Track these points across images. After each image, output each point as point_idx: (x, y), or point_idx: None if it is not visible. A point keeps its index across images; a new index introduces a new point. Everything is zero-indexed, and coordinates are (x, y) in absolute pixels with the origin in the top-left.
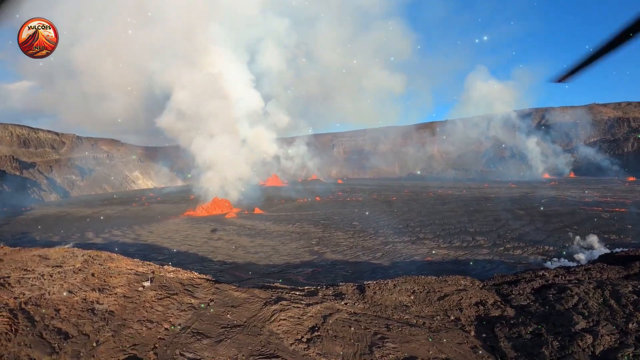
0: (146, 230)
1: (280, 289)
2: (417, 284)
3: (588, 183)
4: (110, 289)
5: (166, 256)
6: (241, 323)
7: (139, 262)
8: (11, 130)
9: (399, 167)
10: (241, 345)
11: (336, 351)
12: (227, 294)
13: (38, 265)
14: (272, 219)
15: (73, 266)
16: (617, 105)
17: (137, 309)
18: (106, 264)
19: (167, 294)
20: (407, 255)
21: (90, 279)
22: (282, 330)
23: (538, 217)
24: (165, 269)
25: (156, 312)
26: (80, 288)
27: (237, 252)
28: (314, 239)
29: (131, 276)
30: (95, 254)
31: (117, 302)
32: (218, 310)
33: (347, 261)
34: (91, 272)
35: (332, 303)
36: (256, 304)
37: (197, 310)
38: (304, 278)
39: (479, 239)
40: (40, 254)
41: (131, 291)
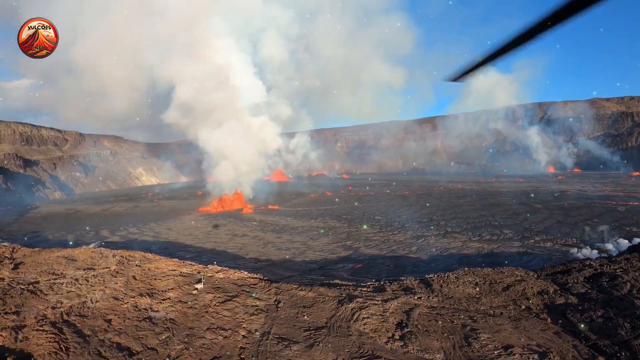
0: (164, 228)
1: (346, 286)
2: (477, 276)
3: (594, 177)
4: (160, 293)
5: (194, 254)
6: (322, 324)
7: (179, 262)
8: (14, 128)
9: (402, 162)
10: (336, 348)
11: (434, 346)
12: (291, 294)
13: (66, 268)
14: (290, 214)
15: (107, 268)
16: (620, 99)
17: (199, 315)
18: (144, 265)
19: (226, 297)
20: (442, 248)
21: (132, 282)
22: (370, 329)
23: (556, 210)
24: (211, 269)
25: (224, 318)
26: (125, 294)
27: (268, 248)
28: (342, 233)
29: (178, 278)
30: (128, 254)
31: (174, 309)
32: (290, 312)
33: (385, 256)
34: (131, 275)
35: (406, 298)
36: (329, 302)
37: (268, 313)
38: (347, 274)
39: (506, 232)
40: (64, 255)
41: (185, 295)
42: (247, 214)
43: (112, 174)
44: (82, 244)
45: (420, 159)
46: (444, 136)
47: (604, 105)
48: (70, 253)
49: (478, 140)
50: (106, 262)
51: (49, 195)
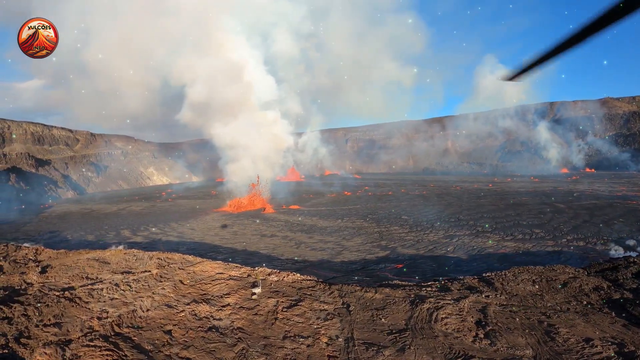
0: (186, 227)
1: (409, 287)
2: (532, 274)
3: (608, 177)
4: (217, 299)
5: (225, 255)
6: (403, 327)
7: (225, 265)
8: (25, 127)
9: (412, 162)
10: (429, 350)
11: (521, 342)
12: (357, 296)
13: (100, 271)
14: (315, 214)
15: (148, 272)
16: (631, 99)
17: (269, 322)
18: (187, 268)
19: (291, 301)
20: (479, 248)
21: (182, 287)
22: (452, 329)
23: (580, 210)
24: (261, 271)
25: (298, 325)
26: (177, 300)
27: (302, 249)
28: (373, 233)
29: (230, 282)
30: (165, 256)
31: (239, 316)
32: (364, 315)
33: (424, 255)
34: (178, 279)
35: (475, 297)
36: (400, 304)
37: (342, 317)
38: (391, 274)
39: (536, 231)
40: (95, 257)
41: (244, 300)
42: (269, 213)
43: (124, 173)
44: (104, 244)
45: (430, 159)
46: (454, 136)
47: (615, 105)
48: (100, 255)
49: (489, 140)
50: (143, 264)
51: (61, 195)
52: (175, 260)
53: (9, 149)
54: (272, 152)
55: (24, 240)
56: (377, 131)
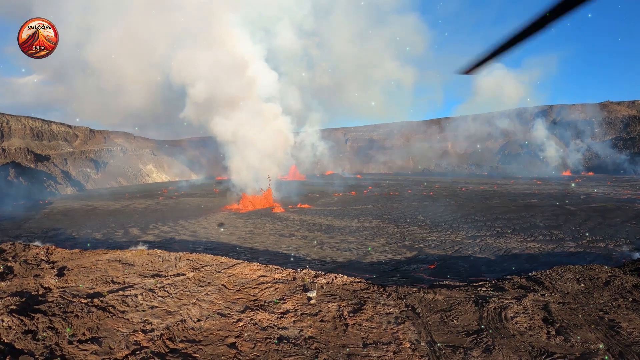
0: (198, 226)
1: (464, 287)
2: (574, 272)
3: (610, 181)
4: (272, 305)
5: (247, 256)
6: (477, 327)
7: (264, 267)
8: (24, 122)
9: (412, 162)
10: (513, 349)
11: (591, 337)
12: (418, 297)
13: (126, 274)
14: (327, 213)
15: (183, 275)
16: (631, 103)
17: (339, 329)
18: (226, 270)
19: (353, 306)
20: (504, 249)
21: (228, 293)
22: (524, 327)
23: (591, 213)
24: (307, 274)
25: (372, 330)
26: (228, 307)
27: (326, 249)
28: (394, 234)
29: (278, 286)
30: (195, 257)
31: (305, 324)
32: (434, 317)
33: (452, 256)
34: (220, 284)
35: (532, 295)
36: (465, 304)
37: (412, 320)
38: (426, 274)
39: (555, 232)
40: (115, 258)
41: (302, 306)
42: (279, 212)
43: (123, 170)
44: (114, 243)
45: (430, 160)
46: (453, 138)
47: (615, 109)
48: (121, 256)
49: (488, 142)
50: (172, 267)
51: (60, 191)
52: (207, 262)
53: (8, 143)
54: (276, 150)
55: (27, 237)
56: (376, 131)
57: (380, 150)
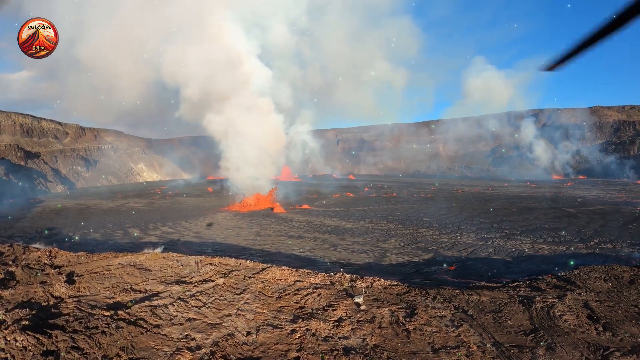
0: (201, 227)
1: (497, 288)
2: (599, 272)
3: (602, 184)
4: (321, 313)
5: (261, 258)
6: (531, 327)
7: (294, 271)
8: (14, 118)
9: (404, 164)
10: (573, 345)
11: (634, 331)
12: (463, 299)
13: (145, 281)
14: (331, 214)
15: (211, 282)
16: (621, 108)
17: (401, 335)
18: (256, 275)
19: (405, 310)
20: (518, 250)
21: (269, 301)
22: (573, 324)
23: (592, 215)
24: (344, 277)
25: (435, 335)
26: (276, 317)
27: (340, 252)
28: (405, 235)
29: (321, 291)
30: (218, 261)
31: (365, 332)
32: (487, 319)
33: (469, 257)
34: (256, 290)
35: (570, 294)
36: (512, 305)
37: (468, 322)
38: (449, 276)
39: (562, 234)
40: (128, 262)
41: (354, 312)
42: (281, 213)
43: (114, 168)
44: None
45: (421, 161)
46: (444, 140)
47: (605, 113)
48: (134, 260)
49: (480, 145)
50: (195, 272)
51: (50, 189)
52: (233, 267)
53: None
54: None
55: (20, 238)
56: (368, 133)
57: (371, 152)
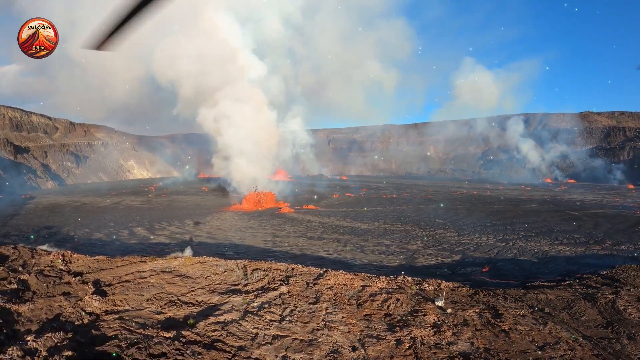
0: (210, 227)
1: (549, 287)
2: (636, 270)
3: (594, 189)
4: (412, 319)
5: (286, 260)
6: (605, 320)
7: (354, 275)
8: (3, 112)
9: (395, 165)
10: None
11: None
12: (530, 298)
13: (191, 290)
14: (341, 215)
15: (275, 290)
16: (610, 114)
17: (501, 336)
18: (318, 281)
19: (488, 311)
20: (540, 251)
21: (350, 309)
22: (638, 316)
23: (596, 218)
24: (406, 280)
25: (531, 333)
26: (370, 327)
27: (368, 254)
28: (424, 236)
29: (399, 296)
30: (265, 265)
31: (467, 335)
32: (564, 316)
33: (497, 258)
34: (330, 298)
35: (622, 291)
36: (579, 302)
37: (549, 319)
38: (487, 277)
39: (576, 236)
40: (160, 267)
41: (443, 316)
42: (289, 213)
43: (104, 165)
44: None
45: (412, 163)
46: (435, 142)
47: (595, 119)
48: (166, 265)
49: (471, 148)
50: (244, 278)
51: (40, 185)
52: (284, 272)
53: None
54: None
55: (16, 237)
56: (359, 133)
57: (362, 152)
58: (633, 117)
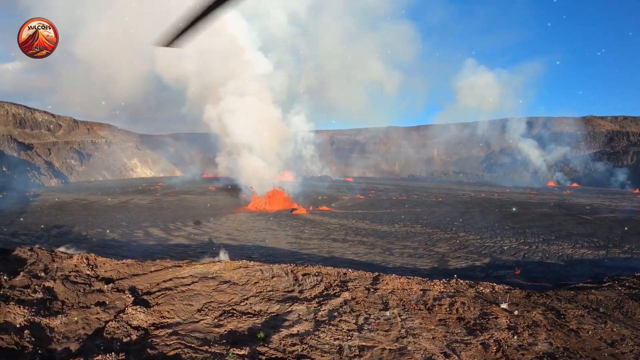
0: (228, 227)
1: (588, 288)
2: None
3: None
4: (486, 322)
5: (320, 261)
6: None
7: (412, 279)
8: (7, 108)
9: (398, 167)
10: None
11: None
12: (581, 299)
13: (243, 298)
14: (358, 216)
15: (338, 297)
16: (614, 118)
17: (572, 335)
18: (377, 286)
19: (550, 312)
20: (565, 254)
21: (423, 314)
22: None
23: (610, 222)
24: (459, 283)
25: (598, 332)
26: (451, 332)
27: (397, 256)
28: (448, 239)
29: (462, 299)
30: (315, 270)
31: (544, 336)
32: (619, 315)
33: (525, 261)
34: (397, 304)
35: None
36: (627, 301)
37: (606, 318)
38: (522, 280)
39: (595, 240)
40: (200, 273)
41: (513, 318)
42: (305, 215)
43: (108, 163)
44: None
45: (415, 165)
46: (438, 144)
47: (598, 123)
48: (205, 270)
49: (474, 151)
50: (292, 283)
51: (44, 183)
52: (336, 276)
53: None
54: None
55: (25, 236)
56: (362, 135)
57: (365, 154)
58: (637, 122)
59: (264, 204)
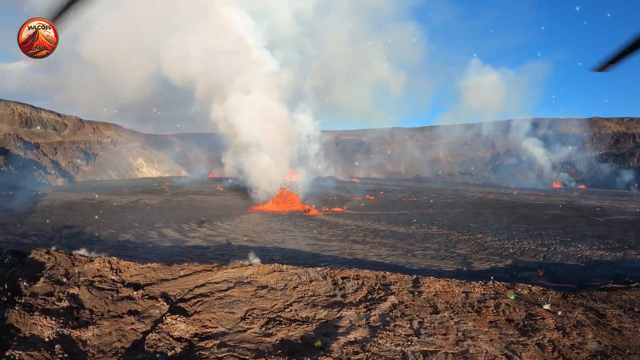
0: (244, 229)
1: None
2: None
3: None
4: (535, 322)
5: (344, 264)
6: None
7: (450, 282)
8: (13, 107)
9: (404, 168)
10: None
11: None
12: (615, 299)
13: (286, 304)
14: (373, 218)
15: (384, 301)
16: (620, 120)
17: (616, 334)
18: (422, 290)
19: (589, 312)
20: (584, 256)
21: (472, 317)
22: None
23: (622, 224)
24: (497, 284)
25: (635, 331)
26: (505, 334)
27: (420, 258)
28: (467, 241)
29: (506, 301)
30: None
31: (589, 336)
32: None
33: (547, 263)
34: (445, 307)
35: None
36: None
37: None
38: (547, 281)
39: (610, 242)
40: (234, 278)
41: (559, 319)
42: (318, 216)
43: (114, 163)
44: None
45: (421, 166)
46: (444, 145)
47: (604, 125)
48: (238, 274)
49: (480, 152)
50: (331, 287)
51: (51, 182)
52: (375, 279)
53: None
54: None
55: (35, 236)
56: (367, 135)
57: (370, 155)
58: None
59: (278, 204)
